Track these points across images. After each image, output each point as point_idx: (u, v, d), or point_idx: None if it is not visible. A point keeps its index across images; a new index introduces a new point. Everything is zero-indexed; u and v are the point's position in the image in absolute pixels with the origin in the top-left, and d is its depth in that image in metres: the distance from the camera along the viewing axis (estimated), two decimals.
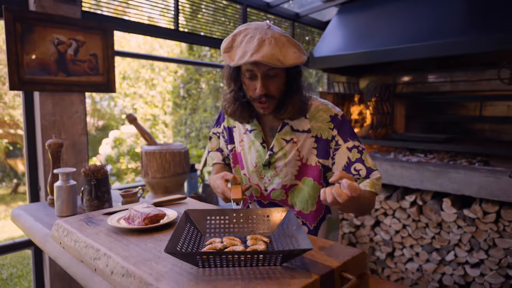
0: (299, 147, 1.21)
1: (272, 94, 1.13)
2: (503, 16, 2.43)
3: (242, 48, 1.05)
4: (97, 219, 1.22)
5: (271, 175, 1.26)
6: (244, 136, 1.31)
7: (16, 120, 8.52)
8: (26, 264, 4.63)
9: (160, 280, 0.78)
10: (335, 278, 0.84)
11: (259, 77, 1.09)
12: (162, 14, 2.62)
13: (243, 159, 1.32)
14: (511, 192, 2.31)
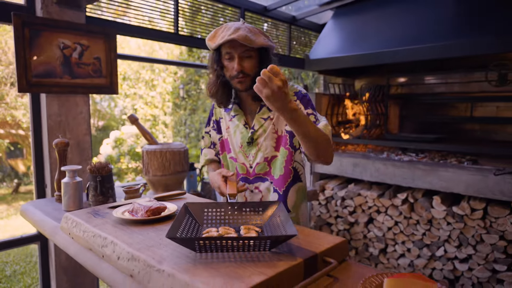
0: (274, 121, 1.41)
1: (247, 72, 1.32)
2: (488, 21, 2.53)
3: (222, 34, 1.29)
4: (103, 212, 1.32)
5: (255, 152, 1.44)
6: (229, 123, 1.50)
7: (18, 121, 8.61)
8: (28, 262, 4.73)
9: (162, 263, 0.88)
10: (318, 262, 0.94)
11: (236, 57, 1.31)
12: (162, 17, 2.72)
13: (229, 143, 1.50)
14: (497, 189, 2.41)
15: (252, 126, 1.43)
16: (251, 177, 1.46)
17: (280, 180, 1.41)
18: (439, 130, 3.59)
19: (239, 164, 1.48)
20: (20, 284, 4.09)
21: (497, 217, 2.45)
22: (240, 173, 1.48)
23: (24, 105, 8.37)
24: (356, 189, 3.15)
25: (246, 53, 1.31)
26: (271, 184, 1.44)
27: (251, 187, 1.46)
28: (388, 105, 3.54)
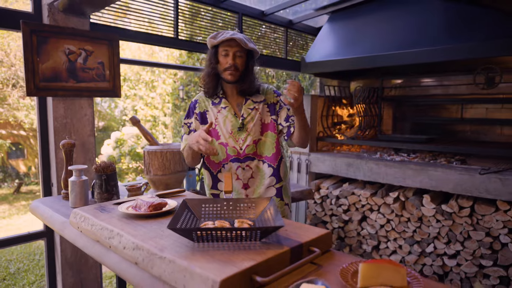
0: (260, 111, 1.78)
1: (238, 67, 1.68)
2: (475, 27, 2.64)
3: (222, 35, 1.66)
4: (108, 208, 1.43)
5: (245, 136, 1.75)
6: (218, 114, 1.78)
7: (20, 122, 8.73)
8: (32, 260, 4.83)
9: (163, 251, 0.99)
10: (304, 251, 1.05)
11: (231, 54, 1.66)
12: (163, 22, 2.82)
13: (219, 131, 1.77)
14: (483, 188, 2.52)
15: (242, 115, 1.75)
16: (242, 157, 1.75)
17: (273, 157, 1.78)
18: (431, 131, 3.70)
19: (230, 147, 1.75)
20: (24, 281, 4.19)
21: (484, 215, 2.56)
22: (232, 155, 1.75)
23: (26, 106, 8.48)
24: (350, 188, 3.26)
25: (239, 52, 1.67)
26: (262, 161, 1.78)
27: (242, 165, 1.75)
28: (381, 107, 3.65)
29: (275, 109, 1.79)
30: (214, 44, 1.68)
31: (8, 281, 4.18)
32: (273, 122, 1.78)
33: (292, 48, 4.10)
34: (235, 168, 1.75)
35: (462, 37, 2.66)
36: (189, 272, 0.89)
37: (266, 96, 1.81)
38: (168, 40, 2.82)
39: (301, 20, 3.94)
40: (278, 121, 1.79)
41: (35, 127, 9.00)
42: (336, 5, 3.61)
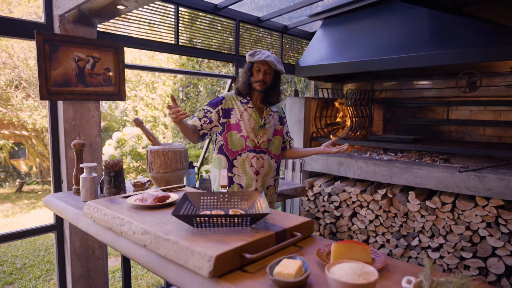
0: (274, 119, 2.25)
1: (266, 82, 2.10)
2: (455, 35, 2.82)
3: (259, 55, 2.05)
4: (118, 200, 1.61)
5: (263, 133, 2.17)
6: (244, 112, 2.15)
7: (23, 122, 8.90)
8: (37, 255, 5.01)
9: (168, 234, 1.17)
10: (287, 235, 1.23)
11: (262, 70, 2.07)
12: (164, 26, 3.00)
13: (241, 125, 2.13)
14: (463, 185, 2.71)
15: (263, 117, 2.19)
16: (258, 150, 2.16)
17: (278, 156, 2.27)
18: (419, 132, 3.88)
19: (249, 140, 2.13)
20: (30, 275, 4.37)
21: (464, 210, 2.74)
22: (250, 146, 2.14)
23: (30, 107, 8.65)
24: (342, 185, 3.44)
25: (268, 71, 2.08)
26: (270, 157, 2.21)
27: (257, 156, 2.15)
28: (372, 109, 3.83)
29: (283, 121, 2.34)
30: (251, 61, 2.08)
31: (15, 276, 4.36)
32: (281, 130, 2.31)
33: (288, 52, 4.28)
34: (251, 157, 2.14)
35: (445, 44, 2.84)
36: (190, 250, 1.07)
37: (279, 110, 2.33)
38: (169, 46, 3.00)
39: (296, 25, 4.12)
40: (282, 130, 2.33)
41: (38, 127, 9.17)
42: (329, 12, 3.79)
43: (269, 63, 2.01)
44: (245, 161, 2.14)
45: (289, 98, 3.88)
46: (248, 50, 3.77)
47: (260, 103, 2.20)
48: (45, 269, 4.54)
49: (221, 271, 1.02)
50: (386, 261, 1.10)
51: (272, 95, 2.16)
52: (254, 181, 2.16)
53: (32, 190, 10.68)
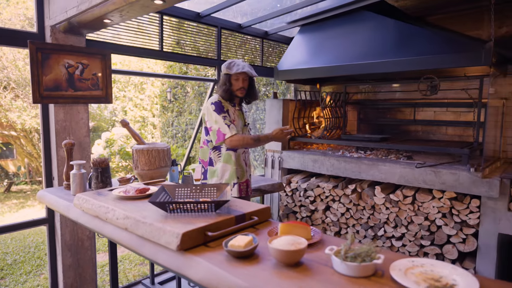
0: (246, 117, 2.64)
1: (245, 88, 2.47)
2: (418, 43, 3.10)
3: (235, 67, 2.39)
4: (104, 193, 1.84)
5: (245, 131, 2.57)
6: (235, 113, 2.51)
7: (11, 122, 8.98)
8: (27, 252, 5.17)
9: (145, 218, 1.41)
10: (246, 218, 1.48)
11: (240, 79, 2.42)
12: (148, 33, 3.22)
13: (236, 125, 2.47)
14: (421, 179, 2.99)
15: (244, 117, 2.59)
16: None
17: None
18: (389, 131, 4.16)
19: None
20: (21, 271, 4.54)
21: (423, 202, 3.03)
22: None
23: (19, 108, 8.75)
24: (316, 181, 3.71)
25: (245, 78, 2.44)
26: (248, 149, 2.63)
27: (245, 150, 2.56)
28: (346, 110, 4.10)
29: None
30: (229, 73, 2.40)
31: (6, 271, 4.53)
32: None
33: (269, 56, 4.53)
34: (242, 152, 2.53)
35: (408, 52, 3.12)
36: (163, 230, 1.31)
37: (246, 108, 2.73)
38: (154, 52, 3.22)
39: (276, 31, 4.37)
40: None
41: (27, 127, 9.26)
42: (306, 19, 4.05)
43: (247, 73, 2.39)
44: (239, 155, 2.52)
45: (268, 100, 4.13)
46: (230, 55, 4.00)
47: (238, 104, 2.58)
48: (35, 265, 4.71)
49: (187, 246, 1.26)
50: (322, 237, 1.35)
51: (251, 96, 2.56)
52: (247, 172, 2.58)
53: (20, 190, 10.75)
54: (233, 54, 4.06)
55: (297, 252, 1.10)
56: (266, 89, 6.52)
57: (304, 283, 1.02)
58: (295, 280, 1.05)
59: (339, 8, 3.77)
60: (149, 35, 3.22)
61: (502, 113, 3.39)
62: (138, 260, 4.66)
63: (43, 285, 4.13)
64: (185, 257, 1.23)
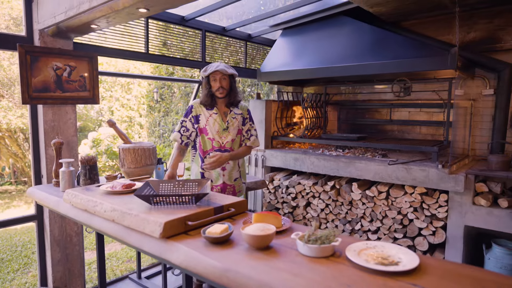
0: (238, 121, 2.58)
1: (224, 87, 2.47)
2: (392, 48, 3.29)
3: (210, 69, 2.43)
4: (92, 188, 1.95)
5: (226, 135, 2.54)
6: (209, 118, 2.52)
7: None
8: (14, 251, 5.20)
9: (131, 210, 1.54)
10: (224, 210, 1.62)
11: (217, 79, 2.44)
12: (134, 36, 3.32)
13: (208, 130, 2.52)
14: (394, 176, 3.18)
15: (227, 121, 2.54)
16: (223, 149, 2.53)
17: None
18: (367, 131, 4.36)
19: (215, 141, 2.52)
20: (8, 269, 4.58)
21: (396, 197, 3.22)
22: (216, 147, 2.52)
23: (4, 108, 8.70)
24: (297, 179, 3.87)
25: (223, 77, 2.45)
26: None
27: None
28: (326, 110, 4.27)
29: (244, 122, 2.66)
30: (206, 75, 2.45)
31: None
32: (242, 130, 2.64)
33: (253, 58, 4.67)
34: None
35: (381, 56, 3.30)
36: (147, 220, 1.44)
37: (243, 111, 2.65)
38: (139, 55, 3.33)
39: (259, 34, 4.52)
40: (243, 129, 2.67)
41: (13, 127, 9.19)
42: (288, 23, 4.21)
43: (220, 71, 2.41)
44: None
45: (252, 101, 4.28)
46: (214, 57, 4.13)
47: (225, 108, 2.58)
48: (22, 263, 4.76)
49: (169, 234, 1.40)
50: (291, 225, 1.50)
51: (231, 96, 2.54)
52: (221, 176, 2.56)
53: (5, 190, 10.64)
54: (219, 56, 4.20)
55: (265, 237, 1.25)
56: (251, 89, 6.67)
57: (271, 263, 1.17)
58: (263, 260, 1.20)
59: (320, 12, 3.94)
60: (135, 38, 3.33)
61: (470, 113, 3.61)
62: (125, 257, 4.75)
63: (31, 282, 4.19)
64: (167, 244, 1.37)
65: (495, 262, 2.89)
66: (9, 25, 8.30)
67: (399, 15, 3.70)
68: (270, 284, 1.05)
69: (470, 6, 3.45)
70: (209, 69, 2.44)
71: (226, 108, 2.58)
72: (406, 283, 1.03)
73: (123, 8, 1.84)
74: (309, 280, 1.05)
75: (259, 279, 1.07)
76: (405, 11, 3.54)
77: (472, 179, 2.89)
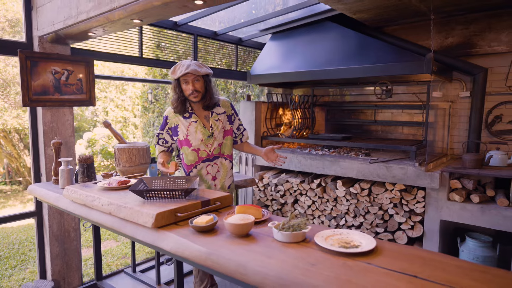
0: (222, 122, 2.32)
1: (198, 90, 2.17)
2: (371, 53, 3.48)
3: (179, 70, 2.11)
4: (90, 185, 2.11)
5: (213, 141, 2.29)
6: (189, 127, 2.27)
7: None
8: (11, 248, 5.33)
9: (127, 204, 1.70)
10: (211, 203, 1.79)
11: (190, 81, 2.13)
12: (129, 40, 3.48)
13: (190, 140, 2.26)
14: (375, 173, 3.37)
15: (211, 126, 2.27)
16: (211, 157, 2.33)
17: (231, 155, 2.44)
18: (353, 131, 4.55)
19: (201, 151, 2.28)
20: (6, 265, 4.71)
21: (377, 194, 3.41)
22: (203, 157, 2.30)
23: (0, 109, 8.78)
24: (286, 177, 4.05)
25: (196, 78, 2.14)
26: (224, 158, 2.37)
27: (211, 164, 2.32)
28: (314, 111, 4.46)
29: (231, 119, 2.40)
30: (175, 78, 2.14)
31: None
32: (231, 129, 2.40)
33: (245, 60, 4.85)
34: (206, 166, 2.29)
35: (363, 60, 3.49)
36: (141, 212, 1.61)
37: (226, 108, 2.35)
38: (134, 59, 3.49)
39: (249, 38, 4.69)
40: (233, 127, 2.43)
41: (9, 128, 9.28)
42: (276, 28, 4.39)
43: (192, 72, 2.06)
44: (201, 171, 2.30)
45: (242, 102, 4.45)
46: (206, 60, 4.30)
47: (204, 111, 2.27)
48: (20, 260, 4.89)
49: (160, 224, 1.56)
50: (270, 216, 1.68)
51: (206, 99, 2.20)
52: (213, 186, 2.35)
53: (0, 190, 10.72)
54: (211, 58, 4.36)
55: (244, 225, 1.42)
56: (242, 91, 6.84)
57: (249, 247, 1.35)
58: (242, 245, 1.37)
59: (307, 18, 4.12)
60: (130, 42, 3.48)
61: (449, 114, 3.82)
62: (120, 254, 4.90)
63: (29, 278, 4.33)
64: (158, 233, 1.54)
65: (468, 253, 3.09)
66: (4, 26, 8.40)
67: (382, 21, 3.89)
68: (246, 264, 1.22)
69: (447, 13, 3.65)
70: (179, 71, 2.08)
71: (204, 111, 2.27)
72: (362, 262, 1.21)
73: (118, 19, 2.00)
74: (279, 261, 1.23)
75: (237, 260, 1.25)
76: (386, 17, 3.73)
77: (447, 176, 3.08)
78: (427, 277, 1.09)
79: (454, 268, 1.14)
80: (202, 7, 1.76)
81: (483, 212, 2.91)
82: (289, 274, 1.13)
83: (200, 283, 2.58)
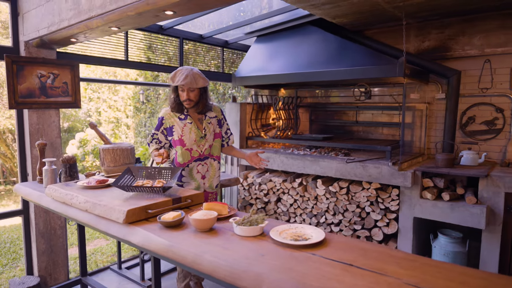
0: (213, 125, 2.57)
1: (192, 99, 2.40)
2: (349, 56, 3.61)
3: (177, 77, 2.32)
4: (71, 184, 2.23)
5: (204, 142, 2.52)
6: (184, 128, 2.47)
7: None
8: (3, 247, 5.42)
9: (101, 201, 1.82)
10: (182, 200, 1.91)
11: (185, 90, 2.35)
12: (115, 44, 3.58)
13: (184, 140, 2.46)
14: (353, 173, 3.49)
15: (204, 128, 2.51)
16: (202, 157, 2.54)
17: (219, 156, 2.66)
18: (336, 131, 4.68)
19: (194, 151, 2.49)
20: None
21: (355, 192, 3.53)
22: (195, 156, 2.50)
23: None
24: (269, 176, 4.17)
25: (191, 89, 2.36)
26: (213, 159, 2.60)
27: (202, 163, 2.53)
28: (298, 112, 4.58)
29: (221, 123, 2.67)
30: (174, 85, 2.36)
31: None
32: (220, 132, 2.65)
33: (229, 63, 4.96)
34: (197, 165, 2.50)
35: (342, 63, 3.62)
36: (113, 209, 1.73)
37: (217, 113, 2.62)
38: (119, 62, 3.60)
39: (235, 41, 4.81)
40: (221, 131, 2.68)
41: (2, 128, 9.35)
42: (260, 31, 4.50)
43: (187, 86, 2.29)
44: (192, 170, 2.48)
45: (228, 104, 4.57)
46: (196, 60, 4.41)
47: (198, 114, 2.51)
48: (11, 258, 4.99)
49: (131, 220, 1.68)
50: (236, 212, 1.80)
51: (199, 107, 2.44)
52: (202, 184, 2.53)
53: None
54: (201, 59, 4.47)
55: (206, 220, 1.54)
56: (231, 92, 6.96)
57: (209, 240, 1.47)
58: (204, 239, 1.49)
59: (290, 22, 4.24)
60: (116, 46, 3.59)
61: (426, 115, 3.95)
62: (109, 252, 5.00)
63: (19, 275, 4.43)
64: (129, 228, 1.65)
65: (439, 249, 3.23)
66: None
67: (361, 25, 4.02)
68: (203, 254, 1.34)
69: (424, 18, 3.78)
70: (177, 79, 2.32)
71: (198, 114, 2.51)
72: (308, 252, 1.33)
73: (96, 27, 2.11)
74: (234, 251, 1.35)
75: (195, 252, 1.37)
76: (365, 22, 3.86)
77: (420, 175, 3.21)
78: (361, 265, 1.21)
79: (388, 257, 1.27)
80: (173, 17, 1.88)
81: (452, 209, 3.04)
82: (239, 264, 1.25)
83: (183, 278, 2.70)
